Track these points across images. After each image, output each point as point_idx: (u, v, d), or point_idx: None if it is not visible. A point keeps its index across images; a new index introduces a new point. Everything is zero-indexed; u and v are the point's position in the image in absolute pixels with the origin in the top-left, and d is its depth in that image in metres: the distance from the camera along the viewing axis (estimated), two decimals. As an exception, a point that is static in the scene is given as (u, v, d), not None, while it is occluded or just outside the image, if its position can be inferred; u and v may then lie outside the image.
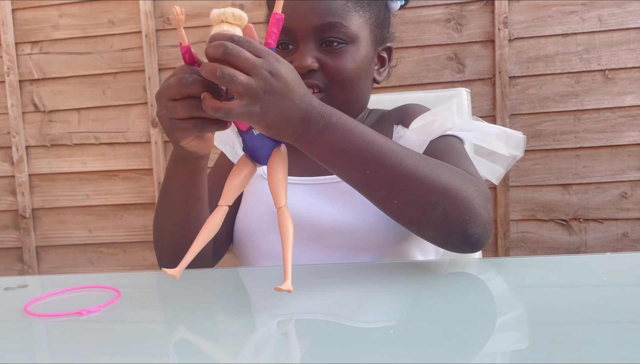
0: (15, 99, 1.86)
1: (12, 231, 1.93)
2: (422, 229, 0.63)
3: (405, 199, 0.60)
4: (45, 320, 0.53)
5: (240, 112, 0.52)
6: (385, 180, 0.60)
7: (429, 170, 0.61)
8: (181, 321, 0.51)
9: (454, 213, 0.60)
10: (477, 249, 0.65)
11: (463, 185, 0.62)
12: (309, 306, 0.54)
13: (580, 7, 1.60)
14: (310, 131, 0.57)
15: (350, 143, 0.59)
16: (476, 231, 0.62)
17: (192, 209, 0.72)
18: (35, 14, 1.84)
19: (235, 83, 0.51)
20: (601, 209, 1.64)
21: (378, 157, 0.59)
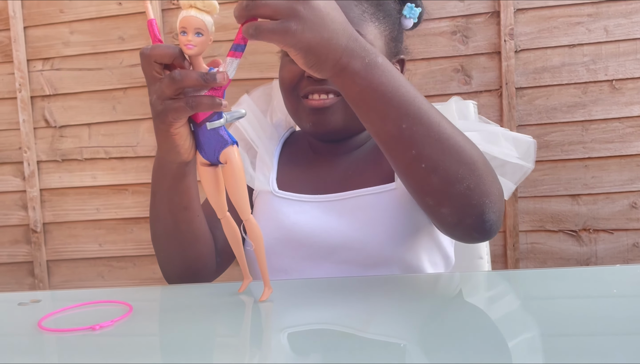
0: (27, 114, 1.89)
1: (24, 246, 1.95)
2: (440, 204, 0.60)
3: (434, 165, 0.57)
4: (59, 335, 0.53)
5: (273, 28, 0.49)
6: (420, 139, 0.56)
7: (464, 142, 0.58)
8: (193, 334, 0.52)
9: (476, 193, 0.58)
10: (488, 237, 0.63)
11: (487, 168, 0.60)
12: (319, 319, 0.54)
13: (586, 18, 1.60)
14: (354, 65, 0.54)
15: (393, 89, 0.55)
16: (492, 217, 0.60)
17: (180, 217, 0.71)
18: (47, 32, 1.88)
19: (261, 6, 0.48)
20: (611, 220, 1.63)
21: (419, 112, 0.56)
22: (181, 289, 0.70)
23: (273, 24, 0.49)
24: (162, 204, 0.71)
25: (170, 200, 0.69)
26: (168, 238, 0.73)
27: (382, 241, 0.74)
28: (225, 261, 0.84)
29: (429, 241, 0.79)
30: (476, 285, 0.65)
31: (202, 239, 0.75)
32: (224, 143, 0.56)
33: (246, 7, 0.49)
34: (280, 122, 0.94)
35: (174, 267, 0.76)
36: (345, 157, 0.85)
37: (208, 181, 0.59)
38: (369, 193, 0.77)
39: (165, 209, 0.71)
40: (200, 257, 0.77)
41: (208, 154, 0.58)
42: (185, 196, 0.69)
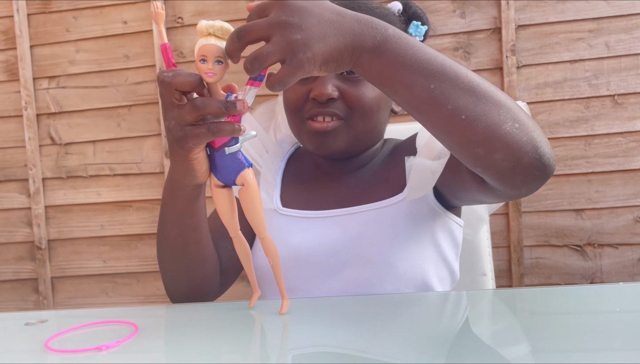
0: (33, 132, 1.90)
1: (28, 262, 1.95)
2: (492, 150, 0.58)
3: (474, 114, 0.56)
4: (66, 355, 0.54)
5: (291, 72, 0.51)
6: (452, 94, 0.56)
7: (492, 86, 0.58)
8: (199, 354, 0.52)
9: (524, 129, 0.57)
10: (548, 174, 0.61)
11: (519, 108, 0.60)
12: (324, 339, 0.54)
13: (587, 33, 1.61)
14: (366, 45, 0.54)
15: (412, 56, 0.55)
16: (546, 150, 0.59)
17: (190, 239, 0.71)
18: (53, 50, 1.90)
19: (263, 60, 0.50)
20: (615, 234, 1.63)
21: (443, 68, 0.56)
22: (186, 308, 0.71)
23: (287, 69, 0.51)
24: (173, 225, 0.71)
25: (182, 222, 0.70)
26: (176, 259, 0.74)
27: (388, 258, 0.74)
28: (228, 279, 0.84)
29: (435, 256, 0.79)
30: (481, 303, 0.65)
31: (208, 259, 0.76)
32: (241, 166, 0.58)
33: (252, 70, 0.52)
34: (285, 139, 0.94)
35: (179, 287, 0.77)
36: (351, 175, 0.85)
37: (222, 202, 0.60)
38: (375, 208, 0.77)
39: (175, 231, 0.71)
40: (206, 277, 0.77)
41: (224, 176, 0.59)
42: (195, 217, 0.70)
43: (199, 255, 0.74)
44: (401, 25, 0.85)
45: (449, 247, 0.81)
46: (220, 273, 0.81)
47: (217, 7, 1.79)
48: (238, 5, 1.78)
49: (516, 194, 0.66)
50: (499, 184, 0.64)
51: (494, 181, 0.63)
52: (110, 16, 1.86)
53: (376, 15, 0.81)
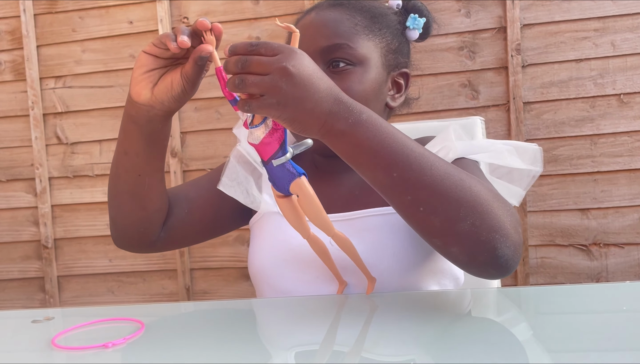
0: (39, 132, 1.91)
1: (35, 261, 1.96)
2: (448, 244, 0.60)
3: (432, 208, 0.58)
4: (73, 353, 0.54)
5: (258, 105, 0.54)
6: (413, 185, 0.57)
7: (460, 180, 0.58)
8: (203, 351, 0.52)
9: (484, 229, 0.57)
10: (506, 273, 0.62)
11: (494, 202, 0.59)
12: (326, 338, 0.55)
13: (592, 33, 1.61)
14: (338, 126, 0.57)
15: (379, 142, 0.57)
16: (506, 252, 0.59)
17: (120, 161, 0.74)
18: (59, 50, 1.91)
19: (247, 85, 0.53)
20: (621, 234, 1.62)
21: (407, 159, 0.57)
22: (191, 306, 0.71)
23: (260, 101, 0.54)
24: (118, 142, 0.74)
25: (120, 140, 0.73)
26: (110, 177, 0.77)
27: (388, 264, 0.73)
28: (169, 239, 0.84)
29: (437, 264, 0.78)
30: (486, 303, 0.65)
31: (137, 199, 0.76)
32: (291, 177, 0.60)
33: (238, 85, 0.54)
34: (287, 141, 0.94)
35: (110, 210, 0.79)
36: (350, 174, 0.85)
37: (287, 210, 0.63)
38: (376, 214, 0.77)
39: (118, 148, 0.74)
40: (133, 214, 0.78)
41: (280, 187, 0.62)
42: (127, 140, 0.72)
43: (127, 185, 0.75)
44: (397, 17, 0.84)
45: None
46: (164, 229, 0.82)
47: (222, 8, 1.80)
48: (243, 6, 1.78)
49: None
50: (458, 267, 0.65)
51: (453, 263, 0.64)
52: (116, 16, 1.87)
53: (373, 11, 0.81)
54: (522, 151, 0.79)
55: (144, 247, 0.83)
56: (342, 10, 0.80)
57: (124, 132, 0.72)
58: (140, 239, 0.81)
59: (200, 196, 0.86)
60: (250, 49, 0.54)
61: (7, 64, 1.94)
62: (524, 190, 0.80)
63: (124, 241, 0.82)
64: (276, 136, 0.59)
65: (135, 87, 0.67)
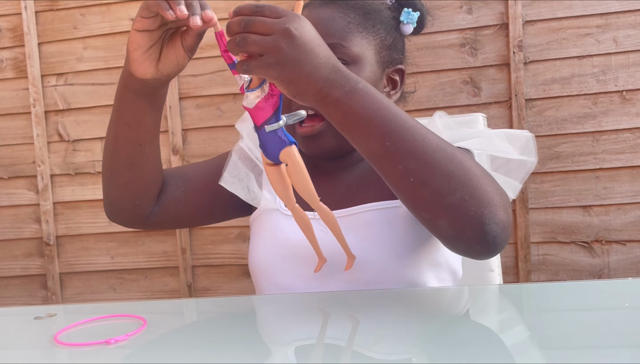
0: (41, 129, 1.91)
1: (37, 258, 1.96)
2: (435, 217, 0.60)
3: (422, 179, 0.58)
4: (75, 349, 0.54)
5: (258, 65, 0.54)
6: (404, 155, 0.58)
7: (452, 154, 0.59)
8: (205, 347, 0.52)
9: (472, 204, 0.57)
10: (493, 252, 0.61)
11: (484, 179, 0.60)
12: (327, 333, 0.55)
13: (595, 29, 1.60)
14: (334, 93, 0.57)
15: (374, 111, 0.58)
16: (494, 229, 0.58)
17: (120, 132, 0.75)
18: (61, 47, 1.91)
19: (249, 43, 0.53)
20: (623, 231, 1.62)
21: (401, 129, 0.58)
22: (193, 303, 0.71)
23: (259, 60, 0.54)
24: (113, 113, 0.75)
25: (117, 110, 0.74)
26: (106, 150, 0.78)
27: (387, 259, 0.74)
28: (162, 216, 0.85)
29: (435, 258, 0.78)
30: (487, 300, 0.65)
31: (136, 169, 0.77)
32: (282, 144, 0.60)
33: (239, 43, 0.54)
34: None
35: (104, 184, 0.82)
36: (347, 172, 0.85)
37: (274, 178, 0.63)
38: (373, 209, 0.77)
39: (112, 118, 0.75)
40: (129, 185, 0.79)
41: (270, 154, 0.61)
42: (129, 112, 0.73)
43: (127, 156, 0.76)
44: (390, 13, 0.83)
45: None
46: (157, 204, 0.84)
47: (224, 5, 1.79)
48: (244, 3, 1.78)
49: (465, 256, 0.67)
50: (445, 245, 0.65)
51: (440, 241, 0.64)
52: (117, 13, 1.86)
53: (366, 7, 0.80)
54: (513, 138, 0.79)
55: (137, 221, 0.85)
56: (335, 7, 0.79)
57: (125, 104, 0.73)
58: (134, 212, 0.82)
59: (197, 177, 0.87)
60: (254, 10, 0.55)
61: (8, 62, 1.94)
62: (520, 182, 0.80)
63: (118, 215, 0.84)
64: (271, 101, 0.59)
65: (139, 68, 0.67)
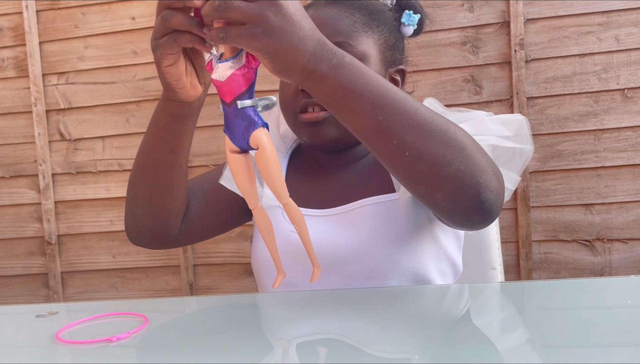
0: (42, 128, 1.92)
1: (38, 257, 1.97)
2: (433, 189, 0.59)
3: (418, 152, 0.56)
4: (77, 347, 0.54)
5: (240, 33, 0.49)
6: (399, 128, 0.55)
7: (445, 125, 0.57)
8: (207, 344, 0.52)
9: (468, 174, 0.57)
10: (489, 220, 0.62)
11: (475, 147, 0.59)
12: (328, 332, 0.55)
13: (596, 27, 1.60)
14: (321, 67, 0.53)
15: (364, 85, 0.55)
16: (490, 196, 0.58)
17: (163, 158, 0.72)
18: (62, 46, 1.91)
19: (231, 9, 0.48)
20: (625, 229, 1.62)
21: (392, 102, 0.55)
22: (195, 301, 0.71)
23: (241, 29, 0.49)
24: (152, 140, 0.72)
25: (161, 137, 0.71)
26: (144, 176, 0.74)
27: (388, 252, 0.74)
28: (189, 233, 0.83)
29: (435, 250, 0.78)
30: (489, 297, 0.65)
31: (174, 191, 0.76)
32: (253, 124, 0.53)
33: (218, 8, 0.49)
34: (288, 134, 0.94)
35: (138, 211, 0.77)
36: (349, 168, 0.85)
37: (238, 168, 0.56)
38: (372, 202, 0.78)
39: (152, 146, 0.72)
40: (166, 209, 0.77)
41: (237, 137, 0.54)
42: (175, 138, 0.70)
43: (167, 180, 0.74)
44: (392, 14, 0.84)
45: (449, 240, 0.81)
46: (183, 222, 0.82)
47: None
48: (245, 1, 1.78)
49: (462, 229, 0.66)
50: (442, 218, 0.65)
51: (437, 214, 0.64)
52: (118, 12, 1.87)
53: (370, 8, 0.81)
54: (507, 122, 0.78)
55: (166, 242, 0.82)
56: (340, 7, 0.80)
57: (170, 131, 0.70)
58: (165, 233, 0.80)
59: (214, 188, 0.87)
60: None
61: (9, 61, 1.94)
62: (518, 174, 0.80)
63: (148, 240, 0.80)
64: (248, 74, 0.53)
65: (187, 93, 0.64)
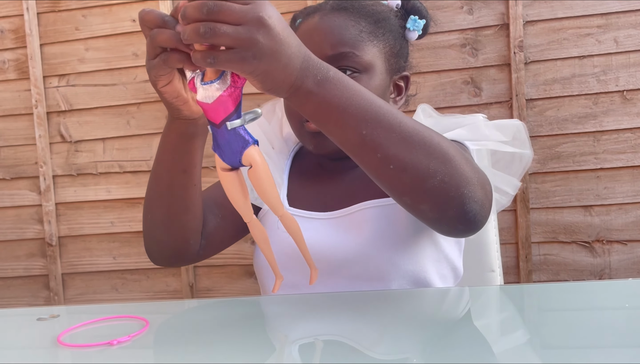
0: (43, 130, 1.92)
1: (39, 259, 1.97)
2: (418, 201, 0.60)
3: (403, 165, 0.57)
4: (78, 350, 0.55)
5: (230, 58, 0.48)
6: (383, 142, 0.56)
7: (429, 136, 0.58)
8: (208, 347, 0.53)
9: (452, 185, 0.58)
10: (473, 229, 0.63)
11: (460, 158, 0.60)
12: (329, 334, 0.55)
13: (595, 29, 1.60)
14: (307, 84, 0.54)
15: (348, 99, 0.55)
16: (474, 207, 0.59)
17: (177, 180, 0.72)
18: (63, 48, 1.91)
19: (219, 35, 0.47)
20: (624, 231, 1.62)
21: (377, 116, 0.56)
22: (196, 303, 0.71)
23: (230, 54, 0.48)
24: (163, 162, 0.72)
25: (172, 159, 0.71)
26: (160, 198, 0.74)
27: (388, 255, 0.75)
28: (210, 247, 0.83)
29: (436, 253, 0.79)
30: (488, 300, 0.65)
31: (192, 210, 0.75)
32: (245, 143, 0.53)
33: (204, 35, 0.47)
34: (291, 136, 0.94)
35: (157, 234, 0.77)
36: (350, 172, 0.86)
37: (230, 186, 0.56)
38: (373, 206, 0.78)
39: (164, 168, 0.72)
40: (186, 229, 0.77)
41: (229, 156, 0.55)
42: (186, 158, 0.70)
43: (183, 201, 0.74)
44: (397, 20, 0.84)
45: (450, 244, 0.81)
46: (203, 237, 0.81)
47: None
48: None
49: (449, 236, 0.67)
50: (427, 225, 0.65)
51: (422, 221, 0.64)
52: (119, 14, 1.87)
53: (376, 15, 0.80)
54: (503, 128, 0.79)
55: (188, 259, 0.81)
56: (347, 15, 0.79)
57: (180, 152, 0.70)
58: (187, 251, 0.79)
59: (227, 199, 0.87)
60: None
61: (10, 63, 1.94)
62: (518, 179, 0.80)
63: (169, 259, 0.80)
64: (234, 94, 0.53)
65: (190, 109, 0.64)
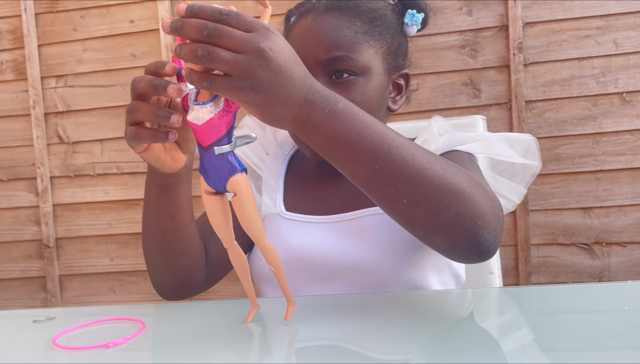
0: (41, 131, 1.91)
1: (36, 260, 1.96)
2: (431, 234, 0.59)
3: (416, 200, 0.55)
4: (74, 353, 0.54)
5: (227, 86, 0.47)
6: (395, 177, 0.55)
7: (442, 169, 0.57)
8: (206, 350, 0.52)
9: (466, 217, 0.57)
10: (486, 258, 0.62)
11: (475, 189, 0.59)
12: (328, 336, 0.54)
13: (595, 31, 1.60)
14: (314, 117, 0.52)
15: (358, 133, 0.53)
16: (487, 237, 0.58)
17: (167, 226, 0.71)
18: (60, 49, 1.91)
19: (217, 60, 0.46)
20: (624, 233, 1.62)
21: (389, 150, 0.54)
22: (193, 306, 0.71)
23: (227, 81, 0.47)
24: (149, 210, 0.72)
25: (158, 208, 0.70)
26: (156, 246, 0.74)
27: (389, 263, 0.74)
28: (217, 274, 0.83)
29: (438, 261, 0.78)
30: (488, 302, 0.65)
31: (189, 250, 0.75)
32: (232, 170, 0.52)
33: (201, 58, 0.46)
34: (286, 140, 0.93)
35: (161, 276, 0.77)
36: None
37: (214, 210, 0.55)
38: (374, 213, 0.77)
39: (152, 215, 0.72)
40: (187, 267, 0.76)
41: (214, 181, 0.53)
42: (173, 206, 0.70)
43: (178, 243, 0.73)
44: (395, 16, 0.82)
45: None
46: (208, 266, 0.81)
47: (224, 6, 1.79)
48: (245, 5, 1.78)
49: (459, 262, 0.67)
50: (441, 255, 0.65)
51: (436, 252, 0.64)
52: (117, 15, 1.87)
53: (371, 14, 0.78)
54: (515, 142, 0.78)
55: (195, 290, 0.81)
56: (341, 15, 0.77)
57: (164, 201, 0.69)
58: (194, 284, 0.79)
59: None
60: (219, 17, 0.47)
61: (8, 64, 1.94)
62: (525, 187, 0.80)
63: (180, 293, 0.79)
64: (226, 119, 0.51)
65: (171, 166, 0.64)
